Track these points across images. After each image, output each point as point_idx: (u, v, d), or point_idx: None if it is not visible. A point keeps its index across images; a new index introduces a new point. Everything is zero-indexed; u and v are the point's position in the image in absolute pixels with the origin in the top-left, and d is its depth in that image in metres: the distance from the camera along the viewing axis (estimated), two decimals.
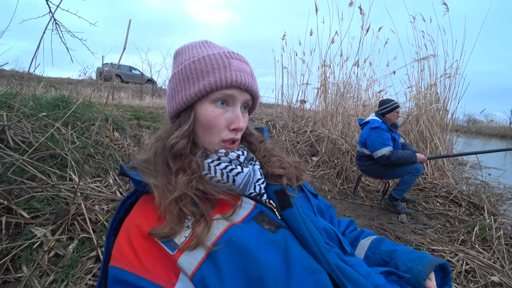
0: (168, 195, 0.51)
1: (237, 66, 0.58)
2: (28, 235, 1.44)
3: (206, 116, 0.57)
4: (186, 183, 0.52)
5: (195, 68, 0.57)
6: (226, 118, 0.58)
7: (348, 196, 3.56)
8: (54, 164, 1.94)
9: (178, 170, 0.55)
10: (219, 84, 0.55)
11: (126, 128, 3.13)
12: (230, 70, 0.57)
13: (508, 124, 27.20)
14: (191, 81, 0.57)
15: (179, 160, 0.56)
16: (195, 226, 0.49)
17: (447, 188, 3.68)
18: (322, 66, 4.96)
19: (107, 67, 12.21)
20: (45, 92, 3.81)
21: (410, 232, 2.62)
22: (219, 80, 0.55)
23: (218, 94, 0.56)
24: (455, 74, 4.62)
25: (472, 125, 6.13)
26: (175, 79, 0.60)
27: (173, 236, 0.49)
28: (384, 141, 2.86)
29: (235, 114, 0.58)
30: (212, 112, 0.57)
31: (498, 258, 2.18)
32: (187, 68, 0.58)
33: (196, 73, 0.57)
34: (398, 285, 0.62)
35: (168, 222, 0.49)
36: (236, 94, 0.58)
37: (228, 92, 0.57)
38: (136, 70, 14.88)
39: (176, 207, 0.50)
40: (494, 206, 3.20)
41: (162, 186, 0.53)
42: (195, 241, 0.47)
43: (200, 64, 0.57)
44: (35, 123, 2.14)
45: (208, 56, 0.58)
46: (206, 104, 0.57)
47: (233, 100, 0.58)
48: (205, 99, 0.57)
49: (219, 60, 0.57)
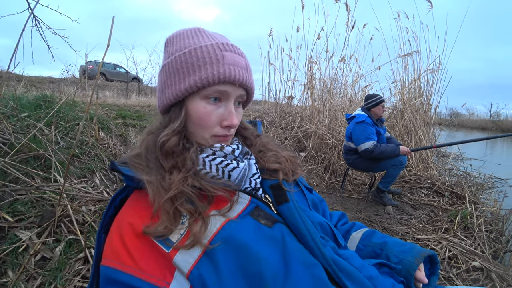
0: (163, 193, 0.49)
1: (231, 59, 0.55)
2: (12, 239, 1.40)
3: (197, 112, 0.55)
4: (182, 181, 0.50)
5: (185, 61, 0.54)
6: (218, 114, 0.56)
7: (336, 190, 3.62)
8: (37, 166, 1.88)
9: (172, 168, 0.53)
10: (211, 80, 0.52)
11: (112, 127, 3.06)
12: (223, 64, 0.53)
13: (489, 116, 28.20)
14: (181, 75, 0.54)
15: (171, 158, 0.54)
16: (192, 224, 0.48)
17: (431, 179, 3.80)
18: (309, 62, 5.00)
19: (90, 65, 11.86)
20: (26, 91, 3.68)
21: (396, 223, 2.70)
22: (211, 76, 0.52)
23: (210, 90, 0.54)
24: (437, 69, 4.77)
25: (455, 119, 6.35)
26: (165, 71, 0.57)
27: (168, 235, 0.47)
28: (368, 135, 2.93)
29: (227, 110, 0.56)
30: (203, 109, 0.55)
31: (479, 244, 2.29)
32: (178, 61, 0.55)
33: (187, 66, 0.54)
34: (390, 276, 0.64)
35: (163, 221, 0.47)
36: (230, 89, 0.55)
37: (220, 88, 0.54)
38: (121, 68, 14.55)
39: (171, 206, 0.48)
40: (475, 195, 3.34)
41: (156, 183, 0.50)
42: (192, 239, 0.46)
43: (191, 57, 0.54)
44: (17, 124, 2.08)
45: (200, 48, 0.55)
46: (197, 100, 0.55)
47: (226, 96, 0.56)
48: (197, 94, 0.55)
49: (211, 53, 0.54)
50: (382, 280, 0.59)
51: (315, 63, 5.02)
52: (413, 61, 4.93)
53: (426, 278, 0.66)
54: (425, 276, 0.66)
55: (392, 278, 0.65)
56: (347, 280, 0.51)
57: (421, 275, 0.66)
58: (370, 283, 0.54)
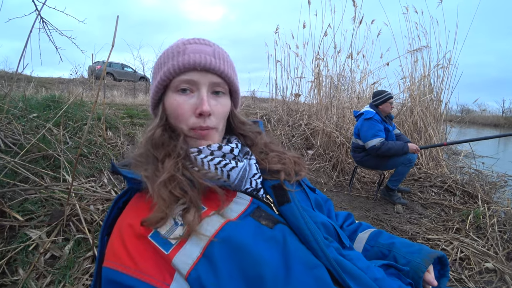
0: (157, 180, 0.51)
1: (193, 49, 0.57)
2: (23, 237, 1.43)
3: (171, 106, 0.58)
4: (174, 166, 0.52)
5: (158, 63, 0.60)
6: (190, 104, 0.57)
7: (344, 188, 3.58)
8: (46, 166, 1.91)
9: (164, 157, 0.55)
10: (172, 71, 0.56)
11: (120, 126, 3.10)
12: (184, 55, 0.56)
13: (501, 113, 27.50)
14: (155, 76, 0.60)
15: (162, 148, 0.56)
16: (185, 214, 0.48)
17: (441, 177, 3.72)
18: (316, 59, 4.95)
19: (98, 65, 12.02)
20: (36, 92, 3.75)
21: (405, 222, 2.65)
22: (172, 67, 0.56)
23: (177, 82, 0.57)
24: (448, 65, 4.65)
25: (466, 115, 6.20)
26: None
27: (165, 221, 0.47)
28: (375, 132, 2.88)
29: (199, 98, 0.56)
30: (175, 101, 0.57)
31: (492, 245, 2.22)
32: (155, 65, 0.62)
33: (158, 67, 0.60)
34: (397, 278, 0.62)
35: (159, 206, 0.48)
36: (196, 77, 0.56)
37: (185, 77, 0.56)
38: (129, 68, 14.71)
39: (166, 190, 0.49)
40: (488, 194, 3.25)
41: (151, 176, 0.52)
42: (187, 229, 0.46)
43: (160, 58, 0.60)
44: (26, 125, 2.11)
45: (167, 49, 0.60)
46: (170, 94, 0.58)
47: (195, 84, 0.57)
48: (168, 90, 0.58)
49: (174, 49, 0.58)
50: (388, 281, 0.58)
51: (322, 60, 4.96)
52: (422, 56, 4.84)
53: (435, 280, 0.64)
54: (434, 278, 0.65)
55: (400, 279, 0.63)
56: (351, 281, 0.50)
57: (430, 277, 0.64)
58: (375, 284, 0.53)
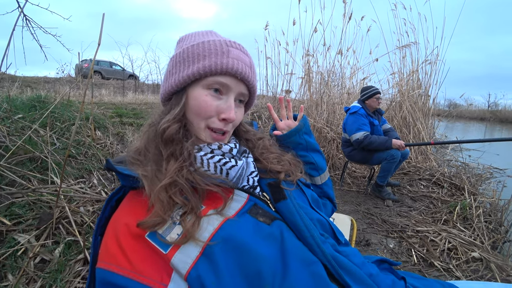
0: (158, 183, 0.49)
1: (235, 54, 0.56)
2: (11, 242, 1.39)
3: (196, 99, 0.55)
4: (177, 171, 0.50)
5: (192, 51, 0.56)
6: (217, 106, 0.56)
7: (335, 183, 3.62)
8: (34, 168, 1.87)
9: (170, 156, 0.53)
10: (213, 69, 0.54)
11: (109, 126, 3.05)
12: (227, 57, 0.55)
13: (487, 107, 28.20)
14: (186, 63, 0.56)
15: (171, 145, 0.54)
16: (184, 219, 0.47)
17: (430, 171, 3.81)
18: (306, 55, 4.95)
19: (86, 64, 11.75)
20: (21, 92, 3.65)
21: (395, 215, 2.70)
22: (214, 65, 0.54)
23: (211, 80, 0.55)
24: (435, 60, 4.75)
25: (453, 110, 6.34)
26: (172, 61, 0.59)
27: (163, 225, 0.46)
28: (359, 126, 2.94)
29: (227, 104, 0.56)
30: (203, 97, 0.55)
31: (478, 235, 2.29)
32: (185, 52, 0.57)
33: (192, 56, 0.56)
34: (390, 273, 0.64)
35: (156, 211, 0.46)
36: (231, 83, 0.56)
37: (222, 80, 0.55)
38: (117, 66, 14.44)
39: (165, 195, 0.48)
40: (474, 186, 3.34)
41: (151, 175, 0.50)
42: (185, 235, 0.45)
43: (198, 48, 0.56)
44: (11, 126, 2.05)
45: (208, 42, 0.56)
46: (199, 89, 0.56)
47: (227, 89, 0.56)
48: (198, 83, 0.55)
49: (217, 46, 0.56)
50: (382, 277, 0.60)
51: (312, 56, 4.97)
52: (411, 52, 4.91)
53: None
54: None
55: (393, 274, 0.65)
56: (347, 277, 0.52)
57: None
58: (370, 280, 0.54)
